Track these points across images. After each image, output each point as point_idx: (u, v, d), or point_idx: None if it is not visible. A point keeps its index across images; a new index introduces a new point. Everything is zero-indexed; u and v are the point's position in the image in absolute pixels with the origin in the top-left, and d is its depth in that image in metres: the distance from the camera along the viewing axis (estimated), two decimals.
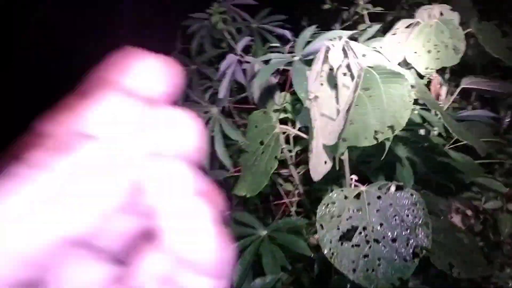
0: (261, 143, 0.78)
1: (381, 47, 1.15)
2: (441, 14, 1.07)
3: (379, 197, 0.67)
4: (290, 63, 0.83)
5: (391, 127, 0.71)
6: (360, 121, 0.71)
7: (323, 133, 0.73)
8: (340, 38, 0.76)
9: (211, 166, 0.82)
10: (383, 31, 1.19)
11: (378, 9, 1.25)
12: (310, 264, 0.90)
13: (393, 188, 0.68)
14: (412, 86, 0.80)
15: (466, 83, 1.05)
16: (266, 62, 0.90)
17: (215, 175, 0.78)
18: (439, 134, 1.08)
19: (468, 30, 1.07)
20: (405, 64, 1.11)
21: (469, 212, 0.98)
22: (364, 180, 0.96)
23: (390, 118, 0.70)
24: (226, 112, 0.98)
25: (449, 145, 1.07)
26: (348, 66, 0.74)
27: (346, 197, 0.68)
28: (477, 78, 1.03)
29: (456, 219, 1.04)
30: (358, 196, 0.70)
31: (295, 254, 0.82)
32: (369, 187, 0.71)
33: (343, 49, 0.74)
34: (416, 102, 1.05)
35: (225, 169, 0.80)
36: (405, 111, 0.70)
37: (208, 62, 1.33)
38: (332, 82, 0.75)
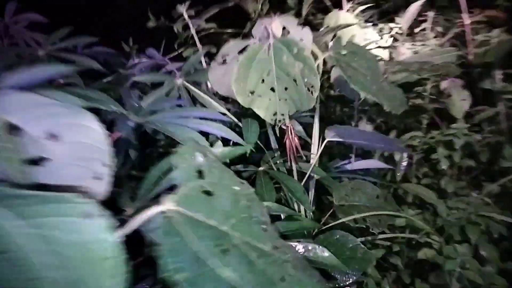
0: None
1: (207, 85, 0.75)
2: (285, 30, 0.69)
3: None
4: None
5: None
6: None
7: None
8: None
9: None
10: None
11: (211, 25, 0.84)
12: None
13: None
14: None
15: (330, 136, 0.67)
16: None
17: None
18: None
19: (326, 54, 0.70)
20: (237, 105, 0.71)
21: None
22: None
23: None
24: None
25: None
26: None
27: None
28: (340, 128, 0.67)
29: None
30: None
31: None
32: None
33: None
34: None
35: None
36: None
37: None
38: None
